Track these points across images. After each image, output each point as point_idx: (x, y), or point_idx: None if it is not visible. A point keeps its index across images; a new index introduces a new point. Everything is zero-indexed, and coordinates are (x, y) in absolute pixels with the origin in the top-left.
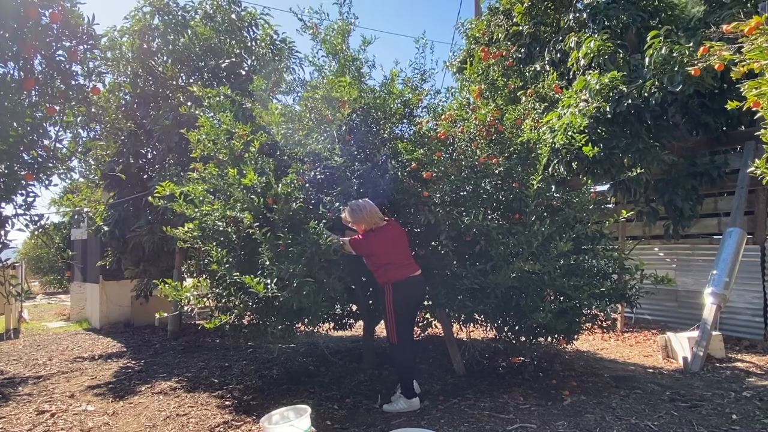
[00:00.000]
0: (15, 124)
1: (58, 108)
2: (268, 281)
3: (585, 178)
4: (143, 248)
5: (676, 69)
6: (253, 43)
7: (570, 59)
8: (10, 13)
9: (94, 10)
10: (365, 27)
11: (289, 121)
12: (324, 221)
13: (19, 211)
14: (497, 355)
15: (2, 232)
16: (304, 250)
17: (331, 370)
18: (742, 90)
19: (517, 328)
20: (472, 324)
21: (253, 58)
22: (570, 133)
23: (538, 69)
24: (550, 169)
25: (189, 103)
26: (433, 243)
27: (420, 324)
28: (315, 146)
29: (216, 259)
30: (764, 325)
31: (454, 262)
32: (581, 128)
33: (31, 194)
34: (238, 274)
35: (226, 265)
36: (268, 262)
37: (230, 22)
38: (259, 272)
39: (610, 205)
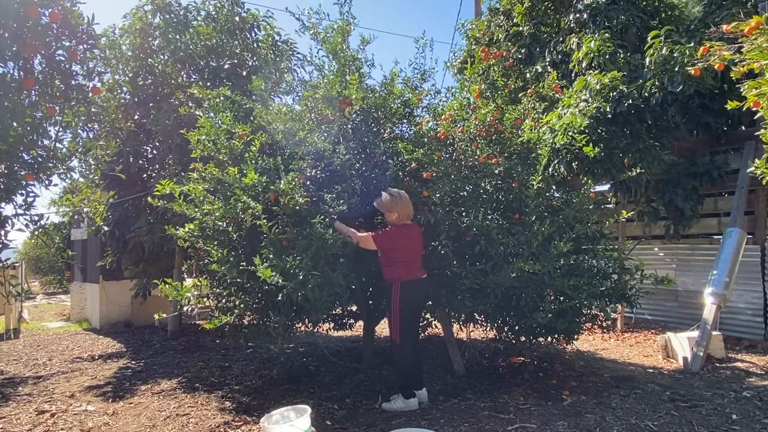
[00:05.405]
0: (15, 124)
1: (58, 108)
2: (275, 272)
3: (585, 178)
4: (143, 248)
5: (676, 69)
6: (256, 44)
7: (572, 61)
8: (10, 13)
9: (94, 9)
10: (365, 27)
11: (289, 120)
12: (327, 218)
13: (19, 211)
14: (497, 355)
15: (2, 232)
16: (311, 244)
17: (331, 370)
18: (742, 90)
19: (517, 328)
20: (472, 324)
21: (255, 58)
22: (570, 133)
23: (539, 70)
24: (550, 169)
25: (189, 104)
26: (433, 243)
27: (420, 324)
28: (317, 145)
29: (216, 259)
30: (764, 325)
31: (454, 262)
32: (582, 128)
33: (31, 194)
34: (244, 264)
35: (227, 265)
36: (272, 256)
37: (233, 23)
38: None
39: (611, 205)
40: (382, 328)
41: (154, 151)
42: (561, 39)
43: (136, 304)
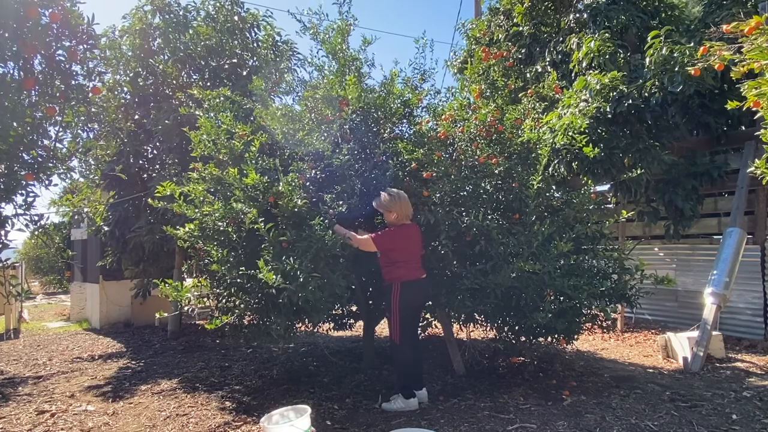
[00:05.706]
0: (15, 124)
1: (58, 108)
2: (276, 276)
3: (585, 178)
4: (143, 248)
5: (676, 69)
6: (256, 44)
7: (572, 61)
8: (10, 13)
9: (94, 9)
10: (365, 27)
11: (289, 121)
12: (326, 219)
13: (19, 211)
14: (497, 355)
15: (2, 232)
16: (311, 245)
17: (331, 370)
18: (742, 90)
19: (517, 328)
20: (472, 324)
21: (255, 58)
22: (570, 134)
23: (539, 70)
24: (550, 169)
25: (189, 104)
26: (433, 243)
27: (420, 324)
28: (317, 145)
29: (216, 259)
30: (764, 325)
31: (454, 262)
32: (582, 128)
33: (31, 194)
34: (243, 269)
35: (227, 265)
36: (271, 258)
37: (233, 23)
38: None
39: (611, 205)
40: (382, 328)
41: (154, 151)
42: (561, 39)
43: (136, 304)
